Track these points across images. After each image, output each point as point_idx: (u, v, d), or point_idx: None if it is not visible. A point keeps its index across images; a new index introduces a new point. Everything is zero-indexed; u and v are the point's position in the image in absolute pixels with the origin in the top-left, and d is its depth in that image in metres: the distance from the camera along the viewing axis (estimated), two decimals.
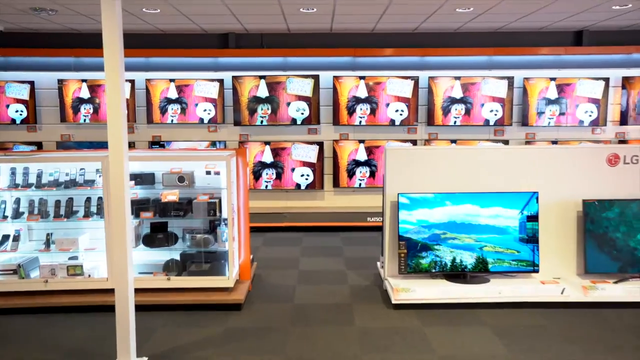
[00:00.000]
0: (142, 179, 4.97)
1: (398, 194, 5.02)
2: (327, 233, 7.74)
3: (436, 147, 7.57)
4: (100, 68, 8.57)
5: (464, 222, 4.86)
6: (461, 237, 4.86)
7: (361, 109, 8.07)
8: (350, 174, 8.16)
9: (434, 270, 4.92)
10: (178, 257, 5.01)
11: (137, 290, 3.99)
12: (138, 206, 4.88)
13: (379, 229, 8.14)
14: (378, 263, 5.86)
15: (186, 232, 5.06)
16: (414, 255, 4.90)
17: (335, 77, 8.04)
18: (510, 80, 8.07)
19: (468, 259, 4.86)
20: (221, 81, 8.04)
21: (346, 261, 6.36)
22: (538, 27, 7.80)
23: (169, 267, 4.93)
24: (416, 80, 8.06)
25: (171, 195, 4.82)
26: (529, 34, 8.11)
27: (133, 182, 4.86)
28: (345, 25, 7.57)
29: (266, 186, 8.12)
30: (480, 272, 4.90)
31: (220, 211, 4.94)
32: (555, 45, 8.03)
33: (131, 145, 8.13)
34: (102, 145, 8.11)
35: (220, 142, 8.14)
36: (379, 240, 7.38)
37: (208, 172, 4.90)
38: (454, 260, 4.87)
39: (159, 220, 4.92)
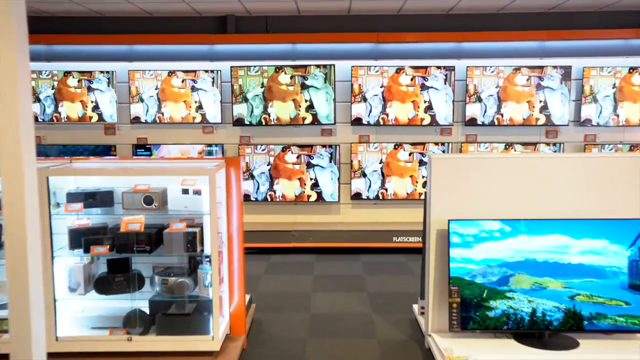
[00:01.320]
0: (96, 199, 3.57)
1: (449, 220, 3.56)
2: (344, 257, 6.30)
3: (502, 155, 6.00)
4: (80, 57, 7.42)
5: (547, 261, 3.39)
6: (543, 281, 3.40)
7: (384, 105, 6.63)
8: (372, 183, 6.73)
9: (505, 328, 3.45)
10: (146, 307, 3.61)
11: (81, 357, 2.60)
12: (89, 237, 3.48)
13: (408, 251, 6.51)
14: (415, 307, 4.42)
15: (156, 272, 3.65)
16: (476, 306, 3.44)
17: (354, 68, 6.61)
18: (567, 70, 6.58)
19: (553, 312, 3.40)
20: (218, 72, 6.63)
21: (371, 298, 4.91)
22: (600, 4, 6.30)
23: (132, 322, 3.52)
24: (451, 70, 6.59)
25: (134, 223, 3.41)
26: (590, 15, 6.61)
27: (81, 203, 3.46)
28: (367, 4, 6.13)
29: (270, 198, 6.70)
30: (571, 330, 3.42)
31: (202, 244, 3.52)
32: (623, 27, 6.52)
33: (112, 149, 6.74)
34: (79, 149, 6.74)
35: (217, 146, 6.74)
36: (410, 267, 5.97)
37: (185, 191, 3.48)
38: (533, 313, 3.40)
39: (118, 257, 3.51)
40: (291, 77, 6.59)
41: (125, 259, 3.49)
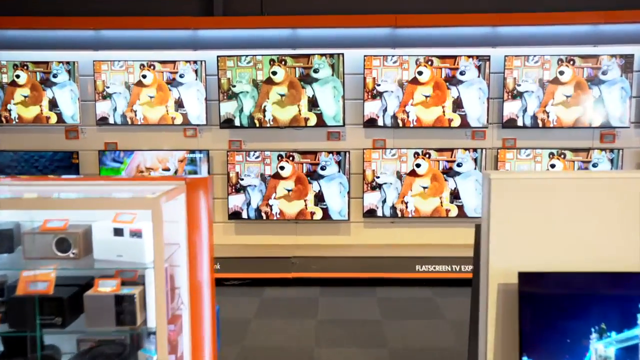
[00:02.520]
0: None
1: (520, 273, 2.32)
2: (355, 290, 5.05)
3: (606, 175, 4.86)
4: (34, 44, 5.48)
5: None
6: None
7: (403, 103, 5.38)
8: (387, 196, 5.47)
9: None
10: None
11: None
12: None
13: (435, 282, 5.17)
14: None
15: (82, 347, 2.42)
16: None
17: (367, 58, 5.36)
18: (628, 60, 5.31)
19: None
20: (202, 63, 5.40)
21: (393, 358, 3.66)
22: None
23: None
24: (486, 61, 5.33)
25: (39, 281, 2.19)
26: None
27: None
28: None
29: (266, 215, 5.47)
30: None
31: (144, 313, 2.28)
32: None
33: (73, 156, 5.52)
34: (33, 157, 5.51)
35: (202, 152, 5.50)
36: (438, 306, 4.61)
37: (119, 232, 2.25)
38: None
39: (13, 334, 2.28)
40: (290, 69, 5.35)
41: (24, 337, 2.26)
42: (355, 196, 5.52)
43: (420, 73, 5.35)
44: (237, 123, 5.42)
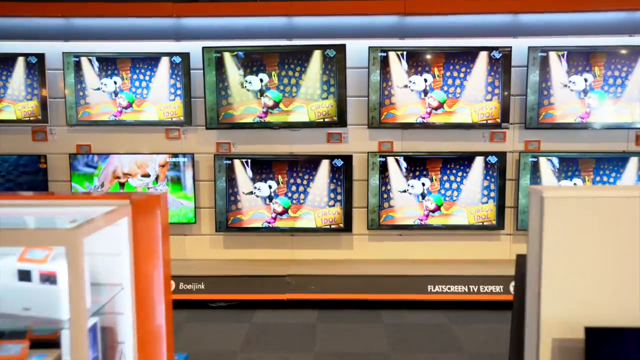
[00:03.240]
0: None
1: (588, 329, 1.67)
2: (359, 314, 4.38)
3: None
4: None
5: None
6: None
7: (413, 101, 4.72)
8: (397, 206, 4.81)
9: None
10: None
11: None
12: None
13: (450, 305, 4.45)
14: None
15: None
16: None
17: (372, 49, 4.70)
18: None
19: None
20: (186, 56, 4.76)
21: None
22: None
23: None
24: (506, 53, 4.67)
25: None
26: None
27: None
28: None
29: (257, 227, 4.81)
30: None
31: None
32: None
33: (41, 160, 4.87)
34: None
35: (186, 156, 4.86)
36: (455, 336, 3.85)
37: (24, 275, 1.60)
38: None
39: None
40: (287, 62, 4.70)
41: None
42: (359, 205, 4.87)
43: (430, 67, 4.69)
44: (224, 123, 4.77)
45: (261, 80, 4.69)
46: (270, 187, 4.79)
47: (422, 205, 4.78)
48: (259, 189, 4.78)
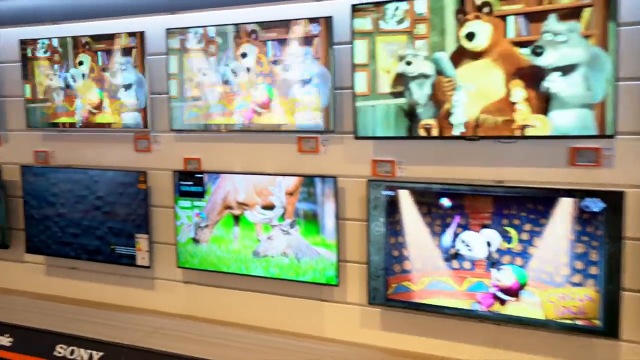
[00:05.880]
0: None
1: None
2: None
3: None
4: None
5: None
6: None
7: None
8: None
9: None
10: None
11: None
12: None
13: None
14: None
15: None
16: None
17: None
18: None
19: None
20: (326, 22, 2.93)
21: None
22: None
23: None
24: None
25: None
26: None
27: None
28: None
29: (438, 305, 2.79)
30: None
31: None
32: None
33: (140, 178, 3.52)
34: None
35: (325, 180, 3.01)
36: None
37: None
38: None
39: None
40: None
41: None
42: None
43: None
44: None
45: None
46: (489, 243, 2.69)
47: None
48: (467, 246, 2.73)
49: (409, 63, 2.71)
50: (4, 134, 3.96)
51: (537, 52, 2.44)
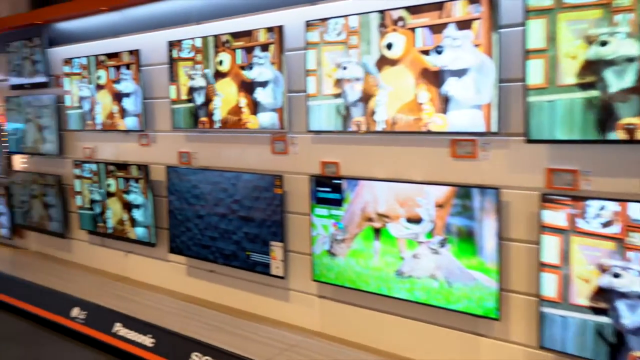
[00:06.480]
0: None
1: None
2: None
3: None
4: None
5: None
6: None
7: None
8: None
9: None
10: None
11: None
12: None
13: None
14: None
15: None
16: None
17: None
18: None
19: None
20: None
21: None
22: None
23: None
24: None
25: None
26: None
27: None
28: None
29: None
30: None
31: None
32: None
33: (276, 182, 3.29)
34: None
35: (485, 192, 2.49)
36: None
37: None
38: None
39: None
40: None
41: None
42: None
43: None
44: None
45: None
46: None
47: None
48: None
49: (603, 43, 2.08)
50: (153, 134, 4.03)
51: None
